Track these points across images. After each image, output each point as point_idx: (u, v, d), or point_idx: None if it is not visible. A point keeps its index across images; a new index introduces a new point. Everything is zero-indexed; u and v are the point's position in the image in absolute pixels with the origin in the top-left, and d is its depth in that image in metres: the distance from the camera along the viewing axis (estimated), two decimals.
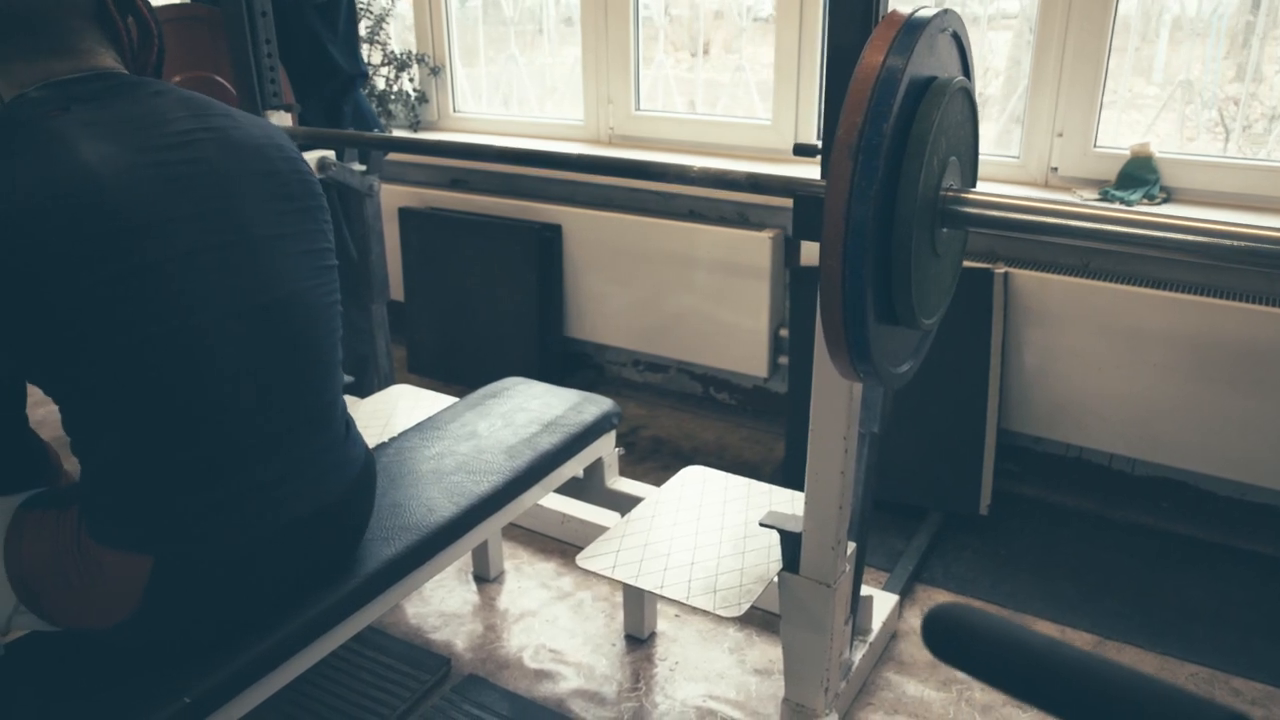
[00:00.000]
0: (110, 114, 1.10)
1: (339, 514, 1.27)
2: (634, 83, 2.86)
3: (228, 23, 1.83)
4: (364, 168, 2.11)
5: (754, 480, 1.85)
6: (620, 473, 2.04)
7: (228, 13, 1.83)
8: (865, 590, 1.79)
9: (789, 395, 2.53)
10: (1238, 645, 1.87)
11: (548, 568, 2.15)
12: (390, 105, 3.20)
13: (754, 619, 1.96)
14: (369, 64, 2.98)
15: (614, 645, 1.91)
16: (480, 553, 2.08)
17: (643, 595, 1.88)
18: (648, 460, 2.63)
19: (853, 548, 1.59)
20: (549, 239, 2.83)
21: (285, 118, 2.01)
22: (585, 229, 2.80)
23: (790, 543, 1.52)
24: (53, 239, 1.01)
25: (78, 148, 1.05)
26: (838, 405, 1.41)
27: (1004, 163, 2.39)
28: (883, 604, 1.88)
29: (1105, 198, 2.21)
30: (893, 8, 1.26)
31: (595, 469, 1.91)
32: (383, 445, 1.69)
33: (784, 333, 2.61)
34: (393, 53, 3.18)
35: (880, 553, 2.15)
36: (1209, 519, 2.27)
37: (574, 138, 3.03)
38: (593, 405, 1.84)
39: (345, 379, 1.36)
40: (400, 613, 2.00)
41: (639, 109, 2.89)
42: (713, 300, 2.65)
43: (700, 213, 2.72)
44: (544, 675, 1.83)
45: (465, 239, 2.98)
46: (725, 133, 2.75)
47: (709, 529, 1.68)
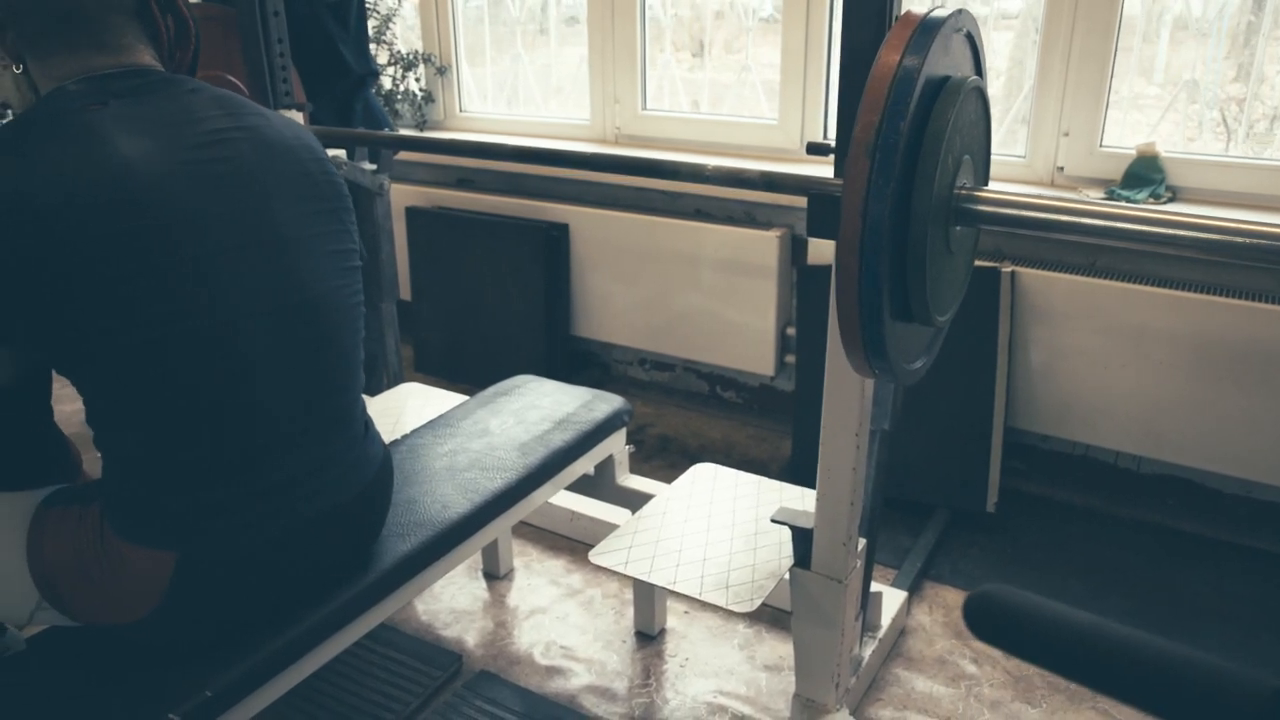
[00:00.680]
0: (147, 110, 1.11)
1: (358, 511, 1.28)
2: (640, 82, 2.87)
3: (241, 22, 1.84)
4: (374, 167, 2.12)
5: (764, 477, 1.86)
6: (629, 470, 2.05)
7: (241, 12, 1.84)
8: (874, 587, 1.80)
9: (796, 393, 2.54)
10: (1243, 642, 1.88)
11: (557, 565, 2.16)
12: (396, 105, 3.21)
13: (763, 616, 1.97)
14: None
15: (624, 642, 1.92)
16: (490, 550, 2.09)
17: (653, 592, 1.89)
18: (655, 458, 2.64)
19: (863, 544, 1.60)
20: (556, 238, 2.84)
21: (297, 117, 2.02)
22: (592, 228, 2.81)
23: (802, 539, 1.53)
24: (88, 232, 1.02)
25: (115, 143, 1.06)
26: (850, 402, 1.42)
27: (1010, 162, 2.40)
28: (892, 600, 1.89)
29: (1111, 197, 2.22)
30: (905, 7, 1.28)
31: (606, 466, 1.92)
32: (395, 443, 1.70)
33: (791, 331, 2.62)
34: (399, 52, 3.19)
35: (888, 550, 2.16)
36: (1215, 516, 2.28)
37: (580, 137, 3.04)
38: (604, 403, 1.85)
39: None
40: (411, 610, 2.01)
41: (645, 108, 2.90)
42: (719, 299, 2.66)
43: (707, 212, 2.73)
44: (555, 671, 1.84)
45: (472, 238, 2.99)
46: (731, 132, 2.76)
47: (720, 525, 1.69)
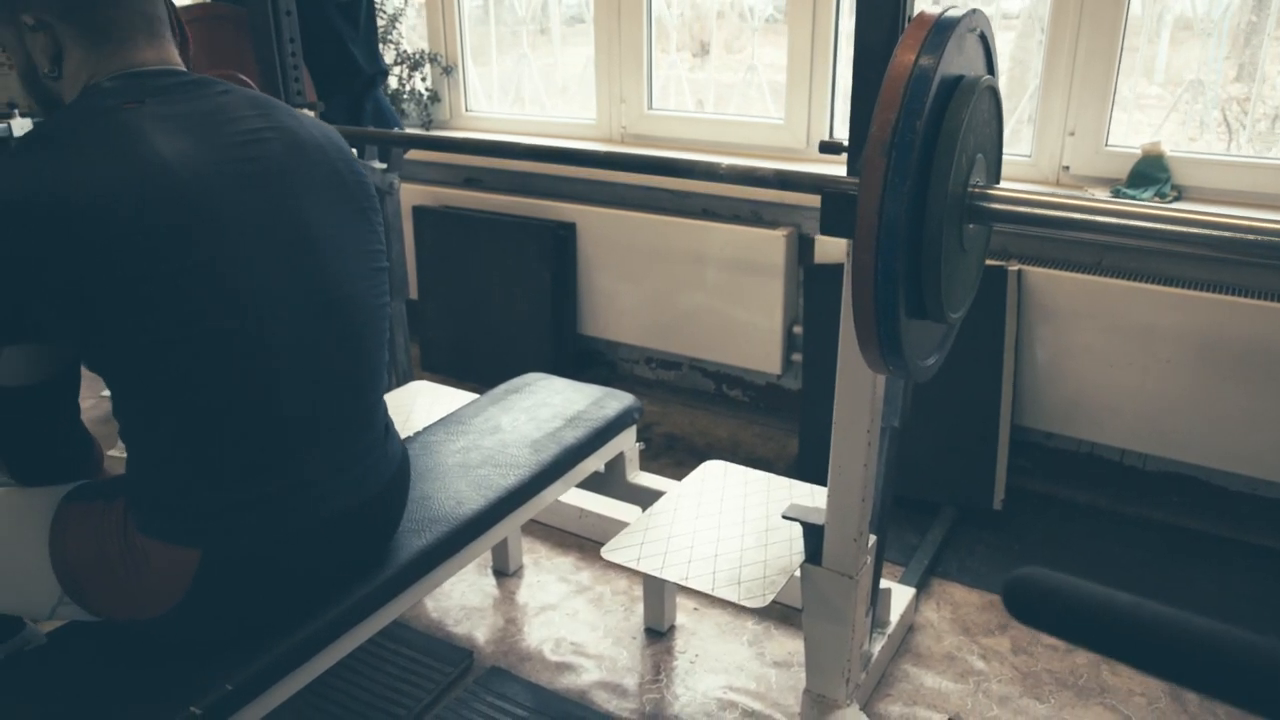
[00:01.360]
0: (183, 110, 1.12)
1: (377, 509, 1.29)
2: (647, 82, 2.88)
3: (253, 21, 1.85)
4: (384, 166, 2.14)
5: (773, 474, 1.87)
6: (639, 468, 2.06)
7: (253, 12, 1.85)
8: (883, 583, 1.81)
9: (803, 392, 2.55)
10: None
11: (566, 562, 2.17)
12: (403, 104, 3.22)
13: (772, 612, 1.98)
14: None
15: (634, 638, 1.93)
16: (500, 547, 2.10)
17: (663, 589, 1.90)
18: (662, 456, 2.66)
19: (873, 540, 1.61)
20: (563, 237, 2.85)
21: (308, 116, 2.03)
22: (599, 227, 2.83)
23: (813, 535, 1.54)
24: (124, 231, 1.03)
25: (153, 142, 1.07)
26: (861, 399, 1.43)
27: (1015, 161, 2.41)
28: (900, 597, 1.90)
29: (1116, 196, 2.23)
30: (918, 7, 1.29)
31: (616, 463, 1.93)
32: (407, 440, 1.71)
33: (798, 330, 2.63)
34: (405, 52, 3.20)
35: (895, 547, 2.17)
36: (1220, 514, 2.29)
37: (586, 136, 3.05)
38: (614, 400, 1.86)
39: None
40: (421, 607, 2.02)
41: (651, 108, 2.91)
42: (726, 298, 2.67)
43: (714, 211, 2.74)
44: (565, 668, 1.85)
45: (479, 237, 3.00)
46: (737, 132, 2.77)
47: (731, 522, 1.70)
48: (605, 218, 2.81)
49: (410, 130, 3.20)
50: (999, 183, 1.31)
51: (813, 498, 1.76)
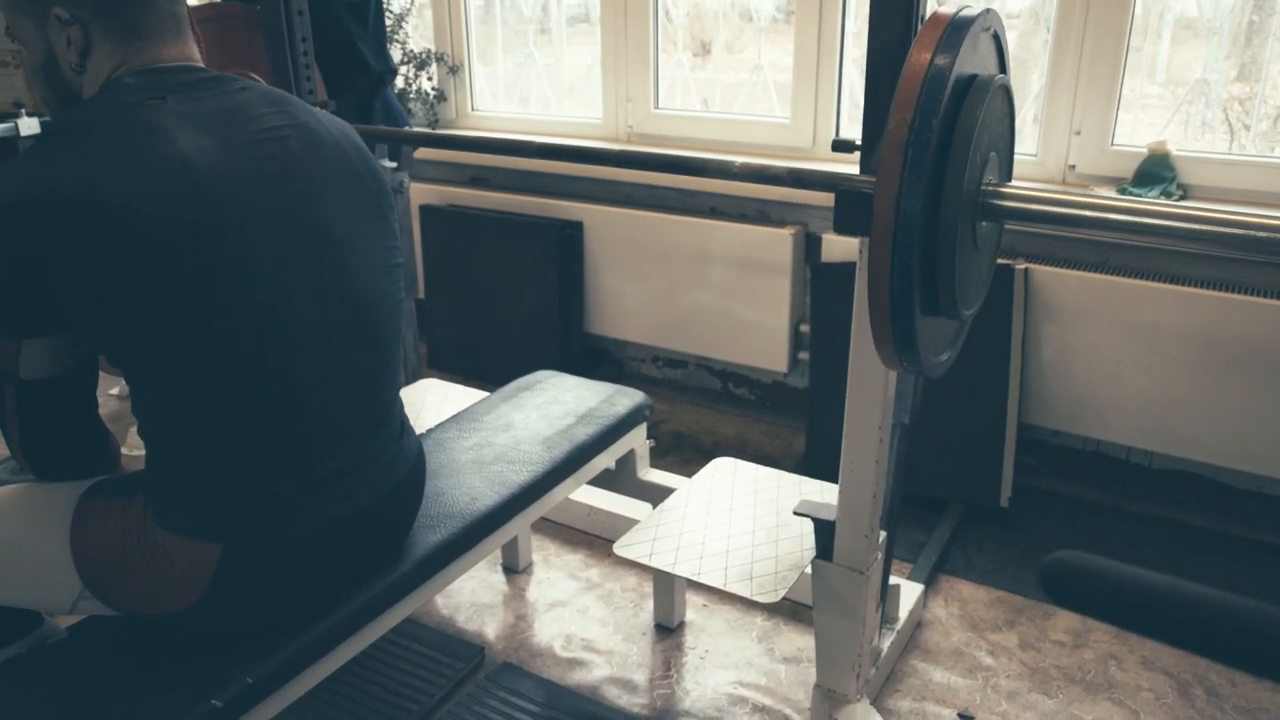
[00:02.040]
0: (204, 107, 1.12)
1: (394, 505, 1.30)
2: (653, 81, 2.89)
3: (265, 21, 1.86)
4: (394, 164, 2.14)
5: (783, 471, 1.88)
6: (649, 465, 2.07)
7: (266, 11, 1.86)
8: (891, 580, 1.82)
9: (810, 390, 2.56)
10: None
11: (575, 559, 2.18)
12: (409, 104, 3.23)
13: (781, 609, 1.99)
14: None
15: (644, 634, 1.94)
16: (510, 544, 2.11)
17: (673, 585, 1.91)
18: (669, 454, 2.67)
19: (883, 536, 1.62)
20: (570, 236, 2.86)
21: None
22: (606, 226, 2.84)
23: (824, 531, 1.55)
24: (146, 227, 1.03)
25: (175, 139, 1.07)
26: (873, 396, 1.44)
27: (1021, 160, 2.42)
28: (909, 593, 1.91)
29: (1123, 195, 2.24)
30: (929, 7, 1.30)
31: (627, 460, 1.94)
32: (420, 437, 1.72)
33: (804, 328, 2.64)
34: (411, 51, 3.21)
35: (903, 544, 2.18)
36: (1226, 511, 2.30)
37: (592, 136, 3.06)
38: (625, 398, 1.87)
39: None
40: (432, 604, 2.03)
41: (658, 107, 2.92)
42: (732, 297, 2.69)
43: (721, 210, 2.75)
44: (576, 663, 1.86)
45: (486, 236, 3.01)
46: (743, 131, 2.78)
47: (742, 518, 1.71)
48: (612, 217, 2.82)
49: (419, 129, 3.21)
50: (1010, 181, 1.33)
51: (822, 494, 1.77)
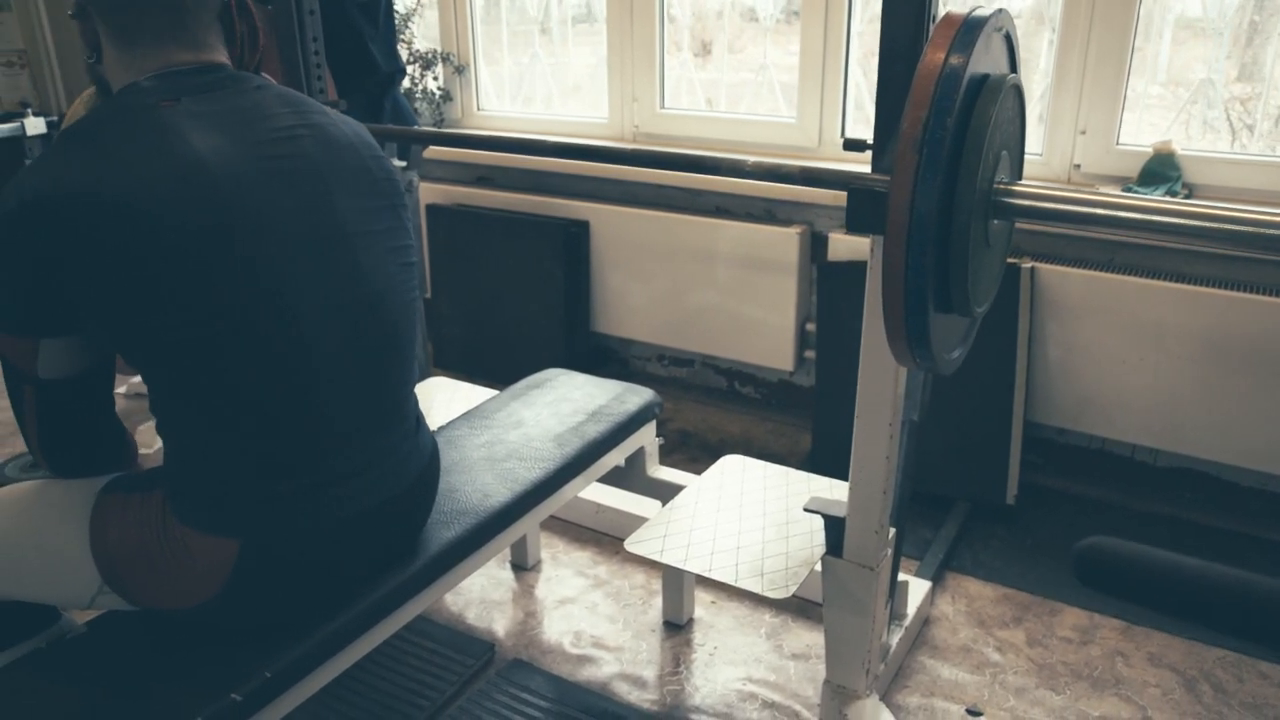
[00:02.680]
0: (218, 107, 1.13)
1: (409, 501, 1.31)
2: (659, 81, 2.90)
3: (277, 20, 1.87)
4: (404, 164, 2.15)
5: (791, 469, 1.89)
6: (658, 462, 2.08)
7: (277, 10, 1.87)
8: (900, 576, 1.83)
9: (816, 388, 2.57)
10: None
11: (583, 556, 2.19)
12: (415, 104, 3.24)
13: (789, 606, 2.01)
14: None
15: (653, 631, 1.95)
16: (518, 542, 2.12)
17: (682, 582, 1.92)
18: (676, 452, 2.68)
19: (893, 533, 1.63)
20: (576, 235, 2.87)
21: None
22: (613, 225, 2.85)
23: (834, 527, 1.56)
24: (161, 227, 1.04)
25: (188, 139, 1.08)
26: (884, 393, 1.45)
27: (1026, 160, 2.43)
28: (916, 590, 1.92)
29: (1129, 194, 2.25)
30: (941, 7, 1.31)
31: (637, 458, 1.95)
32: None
33: (810, 327, 2.65)
34: (417, 51, 3.22)
35: (910, 541, 2.19)
36: (1231, 509, 2.31)
37: (598, 135, 3.07)
38: (635, 395, 1.88)
39: None
40: (442, 601, 2.04)
41: (663, 107, 2.93)
42: (738, 296, 2.70)
43: (727, 209, 2.76)
44: (586, 660, 1.87)
45: (493, 236, 3.02)
46: (749, 130, 2.79)
47: (751, 515, 1.72)
48: (618, 216, 2.83)
49: (429, 129, 3.22)
50: (1021, 179, 1.34)
51: (831, 491, 1.78)
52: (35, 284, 1.06)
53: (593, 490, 2.19)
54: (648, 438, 1.91)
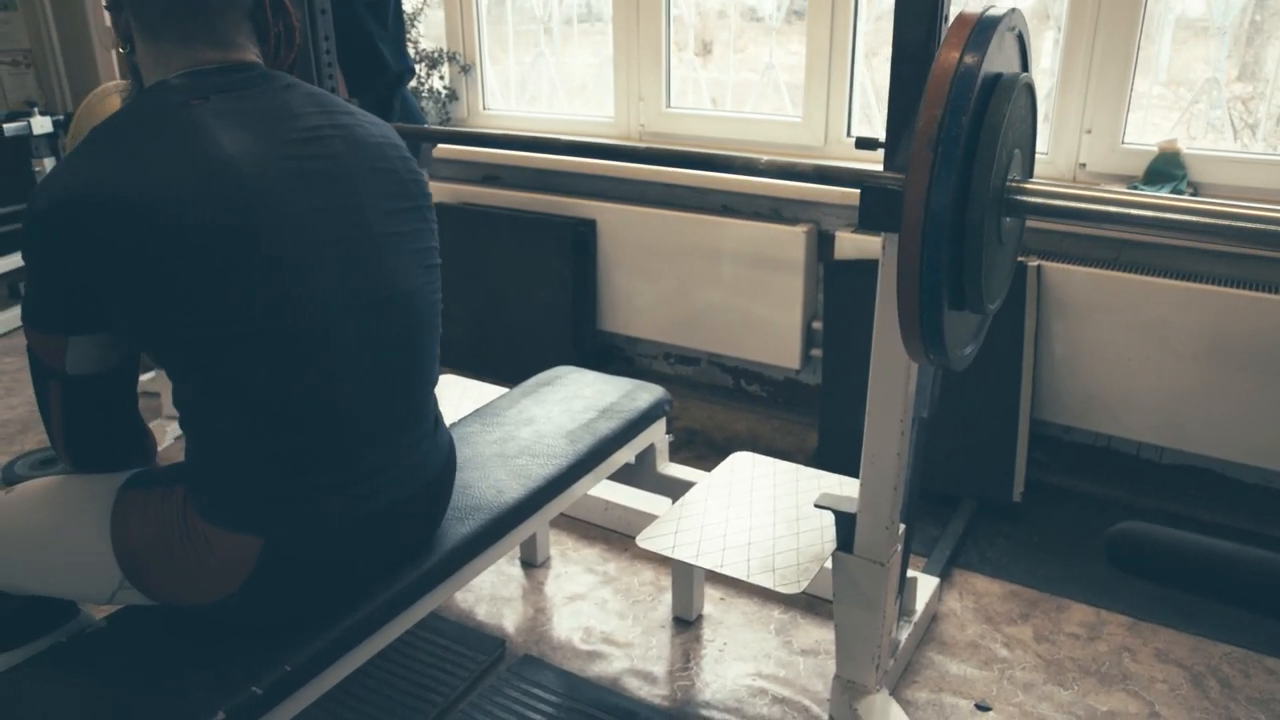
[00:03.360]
0: (246, 105, 1.14)
1: (428, 499, 1.32)
2: (665, 80, 2.91)
3: None
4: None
5: (801, 466, 1.90)
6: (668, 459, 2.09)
7: None
8: (908, 573, 1.84)
9: (823, 386, 2.58)
10: (1270, 626, 1.93)
11: (592, 553, 2.20)
12: (421, 103, 3.25)
13: (798, 602, 2.02)
14: None
15: (663, 627, 1.96)
16: (528, 539, 2.13)
17: (691, 578, 1.93)
18: (683, 450, 2.69)
19: (902, 529, 1.65)
20: (583, 234, 2.89)
21: None
22: (619, 224, 2.86)
23: (845, 523, 1.57)
24: (188, 225, 1.05)
25: (217, 138, 1.09)
26: (895, 389, 1.46)
27: None
28: (925, 586, 1.93)
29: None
30: (953, 5, 1.32)
31: (647, 455, 1.96)
32: None
33: (817, 325, 2.66)
34: (424, 50, 3.23)
35: (918, 538, 2.20)
36: (1236, 506, 2.33)
37: (604, 134, 3.08)
38: (645, 392, 1.89)
39: None
40: (452, 598, 2.05)
41: (670, 106, 2.94)
42: (745, 294, 2.71)
43: (734, 208, 2.77)
44: (596, 656, 1.88)
45: (499, 235, 3.03)
46: (755, 130, 2.80)
47: (762, 512, 1.73)
48: (625, 214, 2.85)
49: (441, 127, 3.23)
50: (1032, 177, 1.35)
51: (841, 488, 1.80)
52: (67, 282, 1.07)
53: (601, 487, 2.21)
54: (658, 435, 1.93)
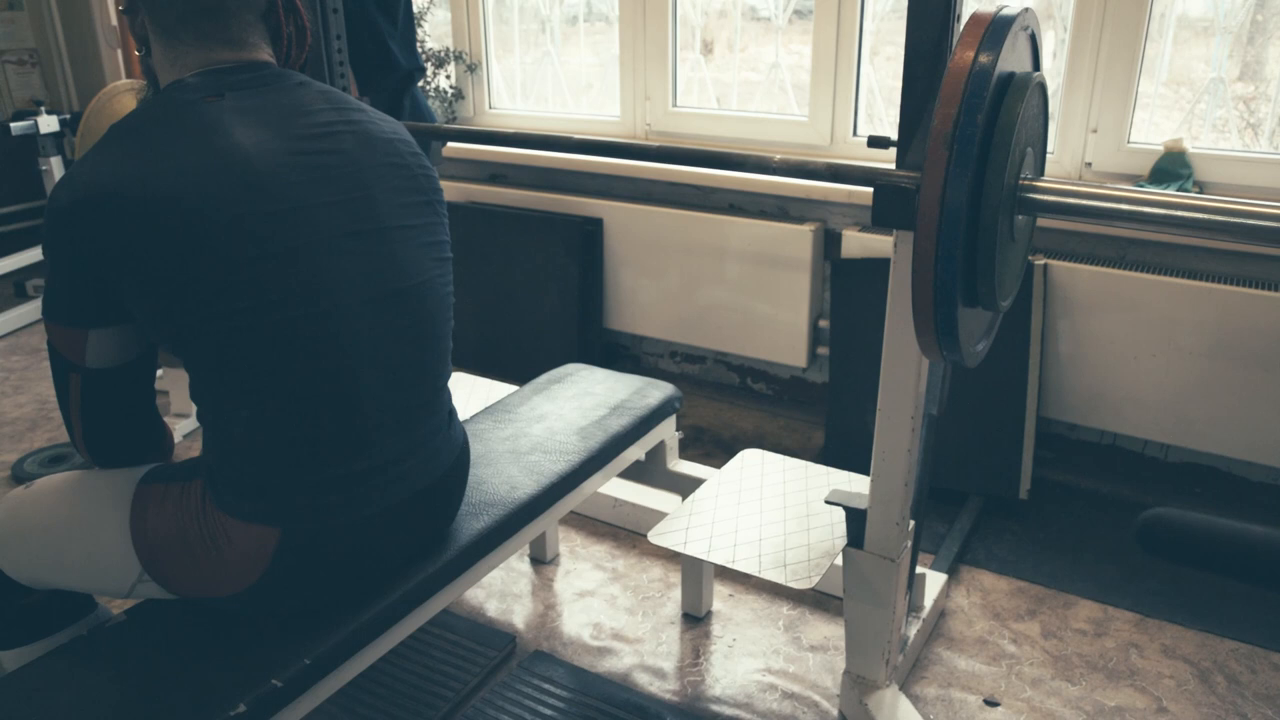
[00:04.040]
0: (260, 102, 1.16)
1: (441, 493, 1.33)
2: (671, 79, 2.92)
3: None
4: None
5: (810, 462, 1.91)
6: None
7: None
8: (917, 569, 1.85)
9: (830, 384, 2.60)
10: (1276, 622, 1.94)
11: (601, 550, 2.21)
12: (428, 101, 3.25)
13: (806, 598, 2.03)
14: None
15: (672, 623, 1.97)
16: (538, 535, 2.14)
17: (701, 574, 1.94)
18: (689, 448, 2.70)
19: (912, 525, 1.66)
20: (590, 233, 2.90)
21: None
22: (626, 223, 2.87)
23: (856, 519, 1.58)
24: (203, 218, 1.07)
25: (231, 133, 1.11)
26: (906, 386, 1.47)
27: None
28: (933, 583, 1.94)
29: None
30: (967, 5, 1.33)
31: (657, 451, 1.97)
32: None
33: (823, 324, 2.68)
34: (430, 50, 3.24)
35: (925, 535, 2.22)
36: (1242, 504, 2.34)
37: (610, 133, 3.09)
38: (655, 390, 1.90)
39: None
40: (462, 594, 2.06)
41: (675, 105, 2.95)
42: (751, 293, 2.72)
43: (740, 207, 2.78)
44: (606, 652, 1.89)
45: (506, 233, 3.04)
46: (761, 129, 2.81)
47: (772, 508, 1.74)
48: (632, 213, 2.86)
49: (452, 125, 3.24)
50: (1044, 176, 1.36)
51: (850, 484, 1.81)
52: (87, 277, 1.09)
53: (610, 484, 2.22)
54: (668, 432, 1.94)
